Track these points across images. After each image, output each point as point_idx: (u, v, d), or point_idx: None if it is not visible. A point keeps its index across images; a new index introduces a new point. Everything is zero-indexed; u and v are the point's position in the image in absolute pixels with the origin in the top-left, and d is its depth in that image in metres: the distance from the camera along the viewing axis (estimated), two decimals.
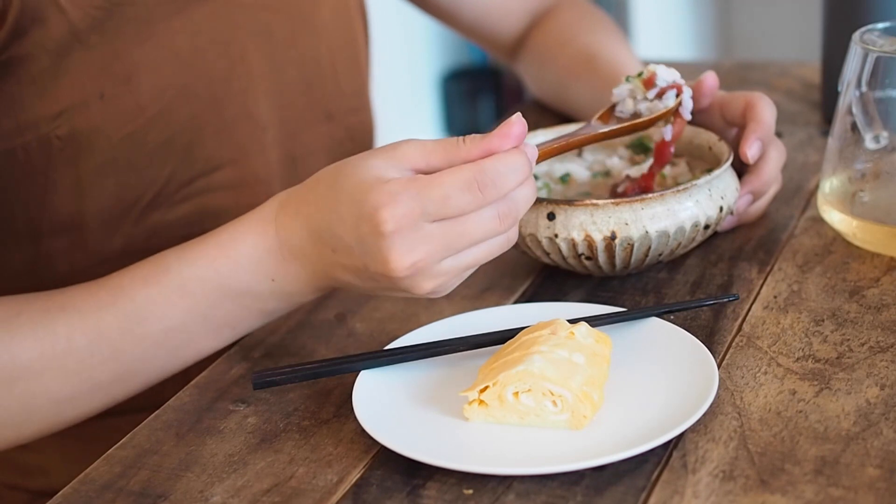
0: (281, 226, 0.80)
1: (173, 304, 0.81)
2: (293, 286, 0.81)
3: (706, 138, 0.94)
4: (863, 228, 0.90)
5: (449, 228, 0.74)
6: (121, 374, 0.82)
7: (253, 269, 0.80)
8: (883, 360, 0.78)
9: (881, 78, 0.89)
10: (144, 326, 0.81)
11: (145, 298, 0.81)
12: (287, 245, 0.80)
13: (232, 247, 0.81)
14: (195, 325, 0.82)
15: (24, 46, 0.87)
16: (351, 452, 0.74)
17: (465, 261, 0.76)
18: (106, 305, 0.81)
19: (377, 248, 0.74)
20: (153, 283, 0.81)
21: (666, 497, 0.67)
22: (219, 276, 0.81)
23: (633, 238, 0.85)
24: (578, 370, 0.73)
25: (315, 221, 0.78)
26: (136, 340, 0.81)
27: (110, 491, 0.73)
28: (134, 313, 0.81)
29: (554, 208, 0.86)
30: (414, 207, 0.73)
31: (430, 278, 0.75)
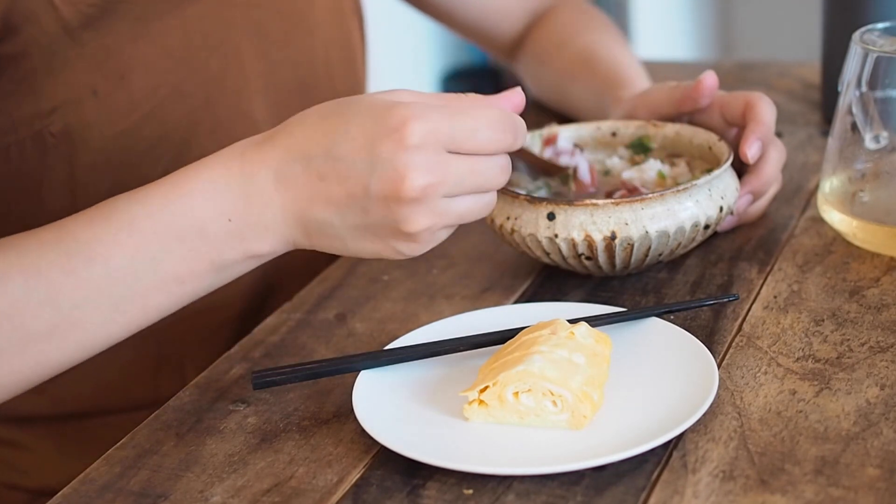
0: (249, 161, 0.75)
1: (120, 244, 0.74)
2: (253, 231, 0.75)
3: (706, 138, 0.94)
4: (863, 228, 0.90)
5: (464, 163, 0.72)
6: (57, 323, 0.74)
7: (208, 205, 0.74)
8: (883, 360, 0.78)
9: (881, 78, 0.89)
10: (87, 267, 0.74)
11: (90, 237, 0.75)
12: (253, 179, 0.74)
13: (186, 182, 0.75)
14: (142, 272, 0.75)
15: (17, 44, 0.87)
16: (351, 452, 0.74)
17: (459, 207, 0.74)
18: (48, 243, 0.75)
19: (394, 163, 0.71)
20: (100, 222, 0.75)
21: (666, 497, 0.67)
22: (170, 213, 0.74)
23: (633, 238, 0.85)
24: (578, 370, 0.73)
25: (304, 148, 0.74)
26: (77, 283, 0.74)
27: (110, 491, 0.73)
28: (77, 252, 0.74)
29: (554, 208, 0.86)
30: (443, 128, 0.71)
31: (428, 213, 0.72)
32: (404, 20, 2.75)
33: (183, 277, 0.76)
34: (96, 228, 0.75)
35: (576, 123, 1.01)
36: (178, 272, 0.75)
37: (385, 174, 0.71)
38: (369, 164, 0.71)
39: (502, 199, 0.89)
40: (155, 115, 0.94)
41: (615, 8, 2.81)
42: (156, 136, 0.94)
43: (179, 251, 0.75)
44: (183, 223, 0.74)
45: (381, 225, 0.73)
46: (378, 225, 0.73)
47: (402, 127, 0.70)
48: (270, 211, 0.74)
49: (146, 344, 0.98)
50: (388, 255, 0.76)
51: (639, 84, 1.07)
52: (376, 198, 0.72)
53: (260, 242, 0.76)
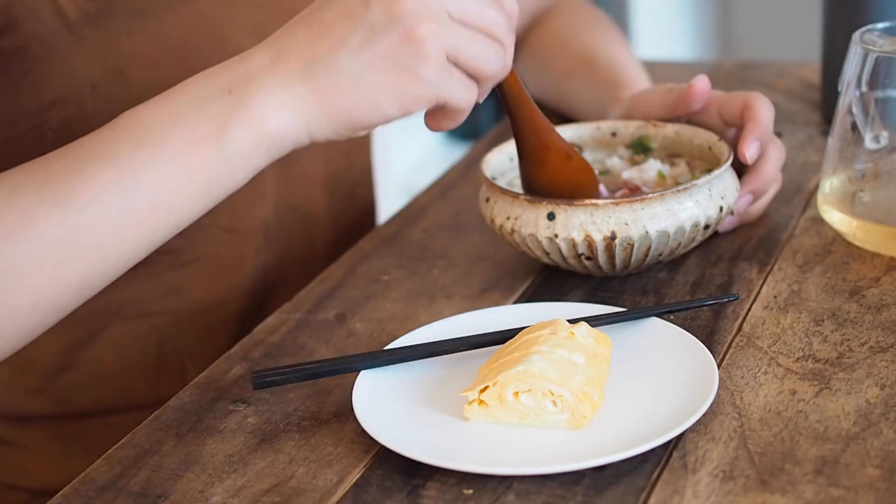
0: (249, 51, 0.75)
1: (124, 139, 0.73)
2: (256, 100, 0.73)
3: (706, 138, 0.94)
4: (863, 228, 0.90)
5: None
6: (69, 230, 0.72)
7: (207, 83, 0.73)
8: (883, 360, 0.78)
9: (881, 78, 0.89)
10: (93, 165, 0.73)
11: (97, 140, 0.74)
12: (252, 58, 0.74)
13: (188, 81, 0.75)
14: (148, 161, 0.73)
15: (17, 38, 0.87)
16: (351, 452, 0.74)
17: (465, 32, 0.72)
18: (55, 156, 0.75)
19: None
20: (106, 129, 0.75)
21: (666, 497, 0.67)
22: (172, 101, 0.74)
23: (633, 238, 0.85)
24: (578, 370, 0.73)
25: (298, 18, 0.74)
26: (84, 182, 0.72)
27: (110, 491, 0.73)
28: (83, 155, 0.73)
29: (554, 208, 0.86)
30: None
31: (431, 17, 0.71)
32: None
33: (189, 164, 0.73)
34: (104, 133, 0.74)
35: (575, 123, 1.01)
36: (183, 159, 0.73)
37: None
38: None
39: (502, 199, 0.89)
40: None
41: (615, 8, 2.81)
42: None
43: (182, 134, 0.73)
44: (182, 106, 0.73)
45: (389, 40, 0.71)
46: (387, 41, 0.71)
47: None
48: (273, 76, 0.73)
49: (146, 344, 0.99)
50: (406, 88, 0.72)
51: (638, 84, 1.07)
52: (378, 8, 0.71)
53: (265, 112, 0.73)
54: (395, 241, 1.02)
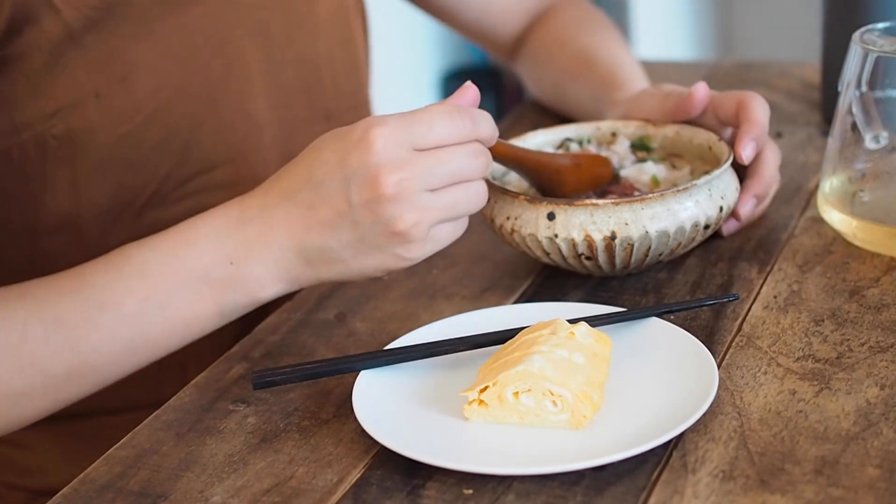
0: (246, 207, 0.80)
1: (131, 291, 0.80)
2: (255, 272, 0.80)
3: (706, 138, 0.94)
4: (863, 228, 0.90)
5: (431, 156, 0.77)
6: (76, 366, 0.81)
7: (210, 250, 0.80)
8: (883, 360, 0.78)
9: (881, 78, 0.89)
10: (102, 313, 0.80)
11: (104, 284, 0.80)
12: (251, 224, 0.79)
13: (191, 230, 0.81)
14: (151, 316, 0.80)
15: (19, 45, 0.87)
16: (351, 452, 0.74)
17: (444, 200, 0.77)
18: (65, 292, 0.81)
19: (365, 168, 0.76)
20: (113, 270, 0.81)
21: (666, 497, 0.67)
22: (176, 258, 0.80)
23: (633, 238, 0.85)
24: (578, 370, 0.73)
25: (289, 185, 0.79)
26: (92, 328, 0.80)
27: (110, 491, 0.73)
28: (92, 298, 0.80)
29: (554, 208, 0.86)
30: (402, 127, 0.76)
31: (411, 208, 0.76)
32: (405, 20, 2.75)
33: (189, 320, 0.81)
34: (110, 276, 0.80)
35: (575, 123, 1.01)
36: (185, 316, 0.81)
37: (360, 181, 0.76)
38: (345, 178, 0.76)
39: (502, 199, 0.89)
40: (158, 116, 0.94)
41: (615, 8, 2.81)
42: (159, 137, 0.94)
43: (185, 296, 0.80)
44: (188, 269, 0.80)
45: (373, 233, 0.77)
46: (371, 233, 0.77)
47: (364, 136, 0.76)
48: (269, 251, 0.79)
49: None
50: (393, 265, 0.79)
51: (636, 86, 1.07)
52: (360, 206, 0.76)
53: (262, 284, 0.81)
54: None
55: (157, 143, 0.94)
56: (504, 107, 2.98)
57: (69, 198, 0.93)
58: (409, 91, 2.94)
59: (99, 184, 0.93)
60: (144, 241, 0.82)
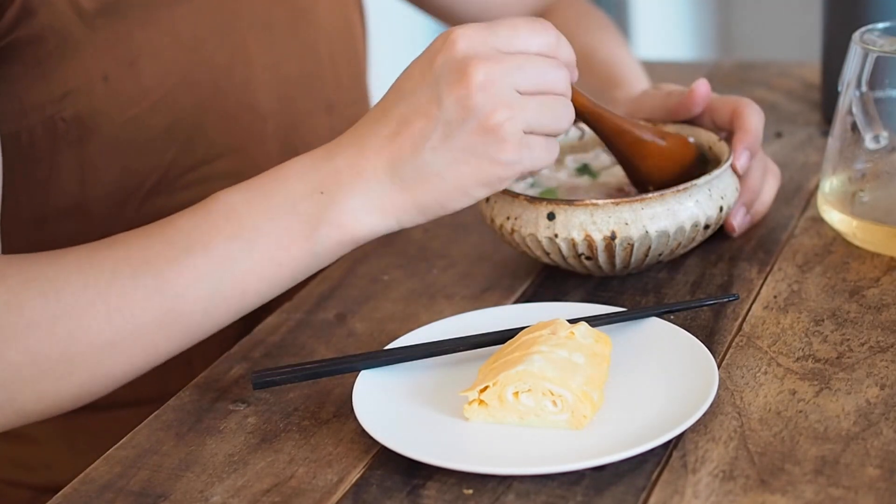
0: (334, 144, 0.78)
1: (218, 229, 0.77)
2: (348, 201, 0.77)
3: (706, 138, 0.94)
4: (863, 228, 0.90)
5: (518, 58, 0.76)
6: (164, 313, 0.78)
7: (300, 182, 0.77)
8: (883, 360, 0.78)
9: (881, 78, 0.89)
10: (188, 254, 0.77)
11: (192, 226, 0.78)
12: (341, 154, 0.77)
13: (283, 168, 0.79)
14: (239, 256, 0.77)
15: (32, 28, 0.88)
16: (351, 452, 0.74)
17: (534, 103, 0.76)
18: (153, 235, 0.78)
19: (452, 65, 0.75)
20: (201, 212, 0.78)
21: (666, 497, 0.67)
22: (264, 195, 0.78)
23: (633, 238, 0.85)
24: (578, 370, 0.73)
25: (379, 109, 0.78)
26: (179, 270, 0.77)
27: (110, 491, 0.73)
28: (178, 240, 0.77)
29: (554, 208, 0.86)
30: (485, 33, 0.75)
31: (502, 102, 0.74)
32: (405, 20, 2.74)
33: (279, 259, 0.78)
34: (198, 219, 0.78)
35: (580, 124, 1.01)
36: (274, 254, 0.77)
37: (448, 78, 0.74)
38: (434, 81, 0.75)
39: (502, 199, 0.89)
40: (164, 102, 0.94)
41: (615, 8, 2.81)
42: (165, 123, 0.95)
43: (275, 232, 0.77)
44: (277, 204, 0.77)
45: (466, 132, 0.75)
46: (464, 133, 0.75)
47: (447, 41, 0.75)
48: (361, 179, 0.77)
49: None
50: (490, 173, 0.77)
51: (636, 85, 1.07)
52: (450, 105, 0.74)
53: (356, 217, 0.77)
54: (395, 241, 1.02)
55: (163, 129, 0.95)
56: None
57: (76, 182, 0.94)
58: None
59: (106, 168, 0.94)
60: (237, 185, 0.79)
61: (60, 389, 0.78)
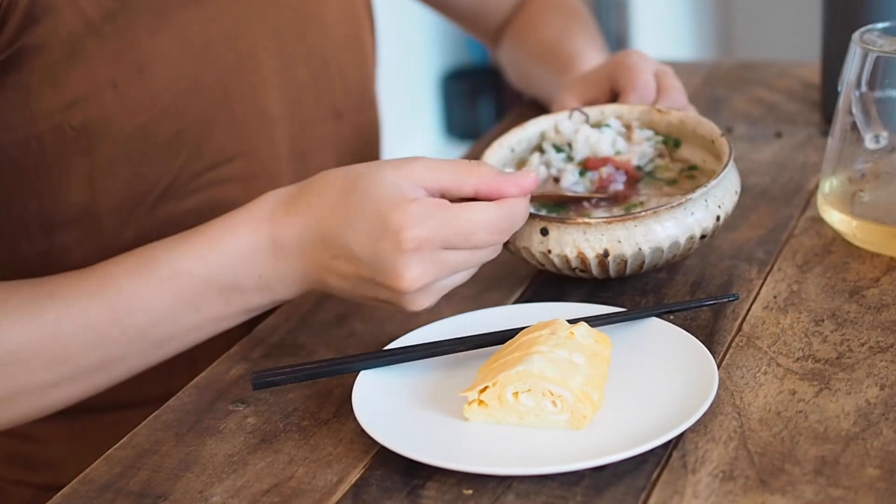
0: (277, 224, 0.82)
1: (159, 296, 0.83)
2: (279, 285, 0.83)
3: (709, 131, 0.93)
4: (863, 228, 0.90)
5: (459, 256, 0.79)
6: (105, 361, 0.84)
7: (242, 265, 0.83)
8: (883, 360, 0.78)
9: (881, 78, 0.89)
10: (130, 317, 0.83)
11: (132, 289, 0.83)
12: (280, 244, 0.82)
13: (222, 242, 0.83)
14: (181, 318, 0.84)
15: (37, 36, 0.88)
16: (351, 452, 0.74)
17: (455, 280, 0.82)
18: (93, 294, 0.83)
19: (393, 263, 0.78)
20: (141, 275, 0.83)
21: (666, 497, 0.67)
22: (207, 270, 0.83)
23: (627, 255, 0.84)
24: (578, 370, 0.73)
25: (321, 227, 0.81)
26: (121, 330, 0.83)
27: (110, 491, 0.73)
28: (120, 303, 0.83)
29: (547, 224, 0.85)
30: (437, 234, 0.78)
31: (429, 296, 0.80)
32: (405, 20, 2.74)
33: (218, 318, 0.85)
34: (138, 280, 0.83)
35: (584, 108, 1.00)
36: (214, 315, 0.85)
37: (385, 270, 0.78)
38: (372, 259, 0.79)
39: None
40: (173, 109, 0.94)
41: (615, 8, 2.81)
42: (174, 130, 0.95)
43: (216, 301, 0.84)
44: (218, 279, 0.83)
45: (389, 301, 0.81)
46: (386, 300, 0.81)
47: (399, 233, 0.77)
48: (293, 270, 0.83)
49: None
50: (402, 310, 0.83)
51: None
52: (381, 285, 0.79)
53: (286, 295, 0.85)
54: None
55: (171, 135, 0.95)
56: (504, 107, 2.98)
57: (85, 189, 0.94)
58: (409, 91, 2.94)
59: (115, 175, 0.94)
60: (173, 245, 0.84)
61: (3, 418, 0.85)
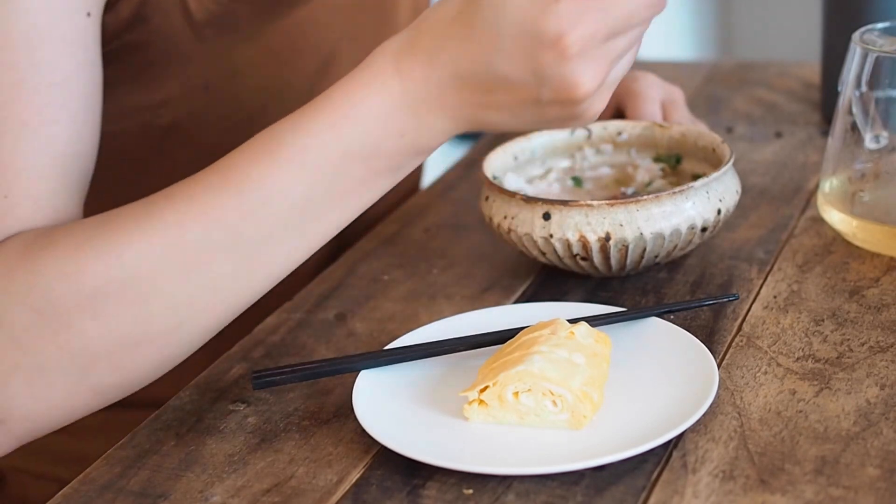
0: (407, 77, 0.73)
1: (294, 178, 0.74)
2: (425, 138, 0.75)
3: (710, 140, 0.94)
4: (863, 228, 0.90)
5: (622, 41, 0.72)
6: (241, 264, 0.74)
7: (380, 128, 0.74)
8: (883, 360, 0.78)
9: (881, 78, 0.89)
10: (265, 206, 0.74)
11: (262, 175, 0.73)
12: (416, 96, 0.74)
13: (351, 108, 0.74)
14: (319, 198, 0.74)
15: (142, 34, 0.88)
16: (351, 452, 0.74)
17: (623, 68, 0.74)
18: (218, 188, 0.74)
19: (561, 74, 0.70)
20: (269, 159, 0.74)
21: (666, 497, 0.67)
22: (341, 141, 0.74)
23: (628, 240, 0.85)
24: (578, 370, 0.73)
25: (460, 65, 0.73)
26: (257, 223, 0.74)
27: (110, 491, 0.73)
28: (251, 192, 0.73)
29: (549, 208, 0.86)
30: (599, 28, 0.70)
31: (602, 96, 0.73)
32: None
33: (360, 191, 0.75)
34: (266, 166, 0.74)
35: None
36: (355, 187, 0.75)
37: (554, 83, 0.71)
38: (536, 77, 0.71)
39: (500, 199, 0.89)
40: (259, 113, 0.95)
41: None
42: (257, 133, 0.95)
43: (357, 171, 0.74)
44: (356, 149, 0.74)
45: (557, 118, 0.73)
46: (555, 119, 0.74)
47: (559, 39, 0.69)
48: (438, 120, 0.74)
49: None
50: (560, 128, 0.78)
51: None
52: (550, 101, 0.72)
53: (433, 143, 0.75)
54: (395, 241, 1.02)
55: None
56: None
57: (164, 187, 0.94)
58: None
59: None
60: (296, 121, 0.75)
61: (137, 357, 0.74)
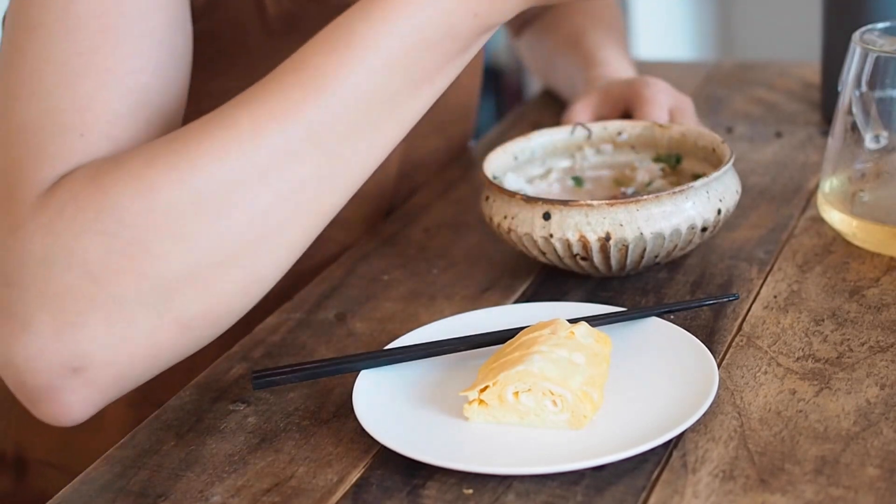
0: None
1: (369, 67, 0.71)
2: (497, 15, 0.73)
3: (710, 140, 0.94)
4: (863, 228, 0.90)
5: None
6: (321, 166, 0.72)
7: (452, 10, 0.72)
8: (883, 360, 0.78)
9: (881, 78, 0.89)
10: (340, 98, 0.71)
11: (337, 66, 0.71)
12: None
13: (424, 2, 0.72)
14: (395, 86, 0.72)
15: (214, 21, 0.88)
16: (351, 452, 0.74)
17: None
18: (291, 85, 0.71)
19: None
20: (342, 50, 0.71)
21: (666, 497, 0.67)
22: (419, 26, 0.72)
23: (628, 239, 0.85)
24: (578, 370, 0.73)
25: None
26: (334, 119, 0.71)
27: (110, 491, 0.73)
28: (326, 86, 0.71)
29: (549, 208, 0.86)
30: None
31: None
32: None
33: (433, 77, 0.74)
34: (340, 57, 0.72)
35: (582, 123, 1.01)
36: (429, 73, 0.74)
37: None
38: None
39: (500, 198, 0.89)
40: None
41: None
42: None
43: (432, 56, 0.73)
44: (432, 34, 0.72)
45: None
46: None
47: None
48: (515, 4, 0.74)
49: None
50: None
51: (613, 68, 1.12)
52: None
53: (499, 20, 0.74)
54: (395, 241, 1.02)
55: None
56: (504, 107, 2.98)
57: None
58: None
59: None
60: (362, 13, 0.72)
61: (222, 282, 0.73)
